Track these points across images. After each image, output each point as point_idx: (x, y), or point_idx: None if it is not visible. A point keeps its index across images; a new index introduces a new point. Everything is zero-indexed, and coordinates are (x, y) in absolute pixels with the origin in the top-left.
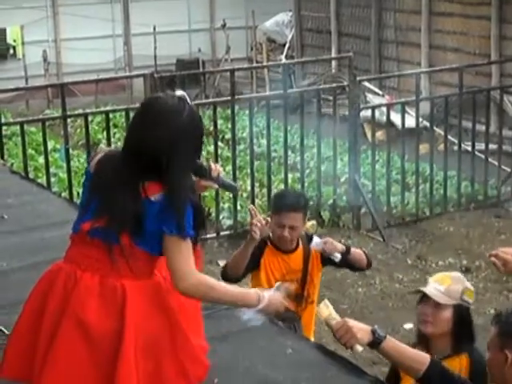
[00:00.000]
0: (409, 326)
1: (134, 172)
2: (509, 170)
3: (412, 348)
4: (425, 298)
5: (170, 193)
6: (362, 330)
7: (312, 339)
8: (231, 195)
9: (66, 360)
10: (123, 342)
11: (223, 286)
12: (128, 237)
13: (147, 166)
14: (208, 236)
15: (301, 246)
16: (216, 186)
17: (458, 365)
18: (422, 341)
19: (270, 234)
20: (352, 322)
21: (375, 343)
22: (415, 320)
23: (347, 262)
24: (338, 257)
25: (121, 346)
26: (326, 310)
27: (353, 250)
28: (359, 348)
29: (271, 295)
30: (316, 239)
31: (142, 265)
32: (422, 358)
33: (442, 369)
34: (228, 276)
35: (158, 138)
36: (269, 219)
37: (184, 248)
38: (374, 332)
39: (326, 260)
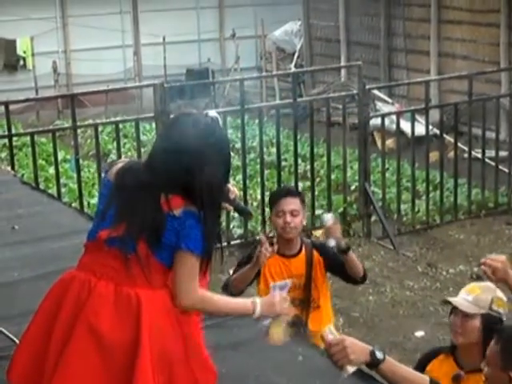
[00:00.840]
0: (420, 333)
1: (158, 184)
2: None
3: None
4: (455, 308)
5: (198, 210)
6: (358, 350)
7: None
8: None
9: (78, 366)
10: (140, 351)
11: (220, 301)
12: (145, 246)
13: (171, 181)
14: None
15: (304, 251)
16: (231, 208)
17: None
18: (455, 352)
19: (275, 248)
20: (349, 342)
21: (373, 364)
22: (427, 328)
23: (343, 266)
24: (331, 243)
25: (137, 355)
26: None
27: (353, 254)
28: (350, 369)
29: (262, 300)
30: (330, 215)
31: (157, 275)
32: (422, 380)
33: None
34: (229, 293)
35: (186, 154)
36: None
37: (194, 266)
38: (372, 353)
39: (327, 266)
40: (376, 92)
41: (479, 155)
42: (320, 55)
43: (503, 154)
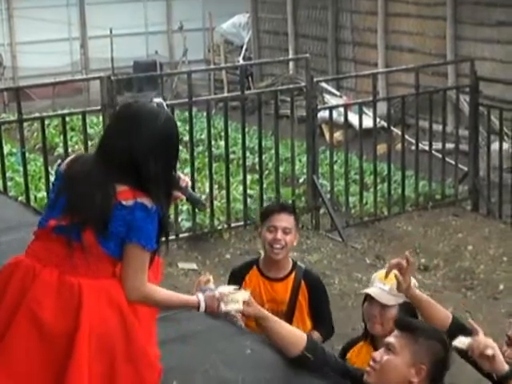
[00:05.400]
0: None
1: (107, 173)
2: (465, 168)
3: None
4: (370, 297)
5: (151, 202)
6: None
7: None
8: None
9: (18, 352)
10: (76, 342)
11: (167, 297)
12: (92, 235)
13: (121, 169)
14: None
15: (293, 276)
16: (183, 197)
17: None
18: (370, 339)
19: (262, 255)
20: None
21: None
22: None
23: (320, 311)
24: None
25: (73, 345)
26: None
27: None
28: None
29: (206, 296)
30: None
31: (103, 265)
32: (446, 314)
33: (460, 322)
34: None
35: (134, 141)
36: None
37: (143, 260)
38: None
39: (309, 302)
40: (324, 85)
41: (426, 147)
42: (268, 48)
43: (450, 146)
